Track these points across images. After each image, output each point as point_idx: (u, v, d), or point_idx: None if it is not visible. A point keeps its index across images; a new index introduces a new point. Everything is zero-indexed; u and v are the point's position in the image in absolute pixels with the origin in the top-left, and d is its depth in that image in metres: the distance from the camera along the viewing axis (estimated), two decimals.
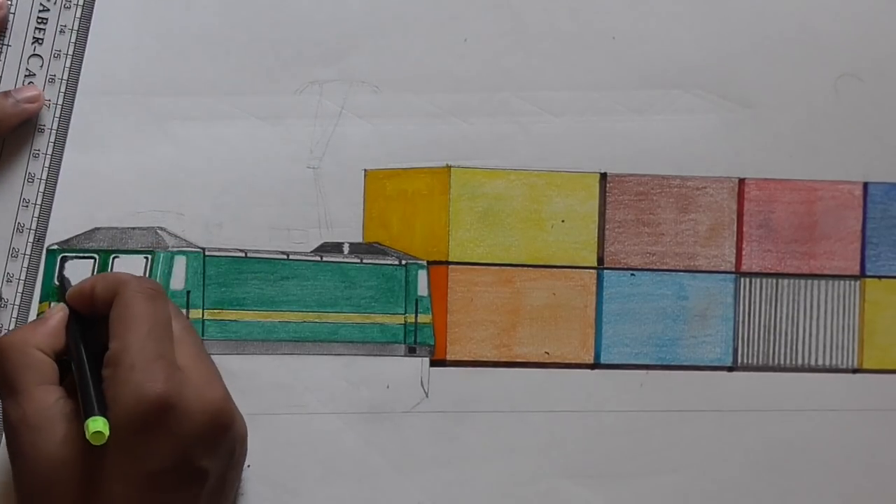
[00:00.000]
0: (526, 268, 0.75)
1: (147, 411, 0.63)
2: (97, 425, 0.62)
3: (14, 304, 0.73)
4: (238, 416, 0.68)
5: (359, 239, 0.74)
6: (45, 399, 0.65)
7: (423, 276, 0.75)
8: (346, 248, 0.74)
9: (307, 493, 0.73)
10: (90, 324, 0.68)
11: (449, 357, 0.75)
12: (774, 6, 0.75)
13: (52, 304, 0.73)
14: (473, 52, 0.74)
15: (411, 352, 0.75)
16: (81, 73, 0.73)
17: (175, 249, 0.74)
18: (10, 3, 0.71)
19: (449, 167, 0.74)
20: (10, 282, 0.72)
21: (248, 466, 0.72)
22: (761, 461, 0.75)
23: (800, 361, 0.76)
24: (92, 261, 0.73)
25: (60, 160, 0.73)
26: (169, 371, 0.64)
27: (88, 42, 0.73)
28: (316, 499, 0.73)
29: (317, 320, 0.74)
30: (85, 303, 0.68)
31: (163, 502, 0.64)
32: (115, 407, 0.63)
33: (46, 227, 0.73)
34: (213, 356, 0.72)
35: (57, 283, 0.72)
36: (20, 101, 0.71)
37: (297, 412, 0.73)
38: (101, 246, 0.74)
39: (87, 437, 0.61)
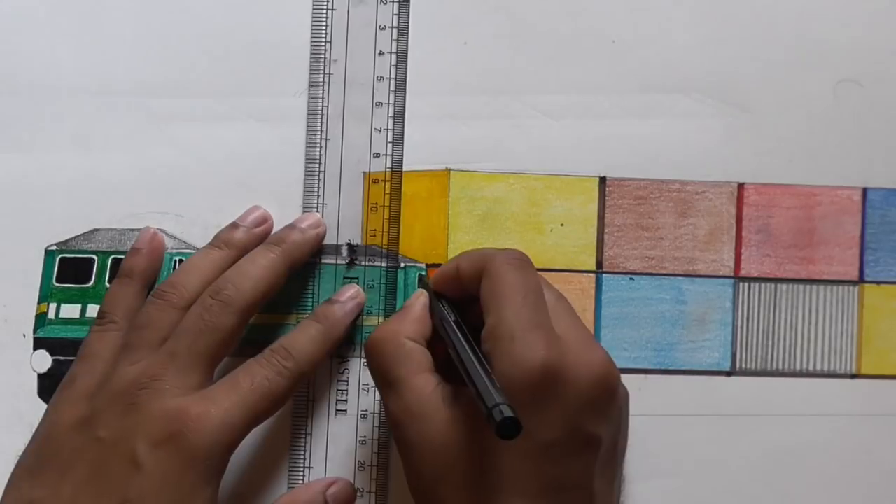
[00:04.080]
0: None
1: (533, 381, 0.61)
2: (505, 411, 0.58)
3: None
4: (622, 380, 0.66)
5: (358, 241, 0.74)
6: (425, 388, 0.64)
7: (421, 278, 0.74)
8: (344, 251, 0.74)
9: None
10: (453, 306, 0.68)
11: None
12: (774, 11, 0.75)
13: (50, 304, 0.73)
14: (473, 56, 0.74)
15: None
16: (81, 74, 0.73)
17: (174, 251, 0.74)
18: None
19: (448, 170, 0.74)
20: None
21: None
22: (759, 465, 0.75)
23: (798, 366, 0.76)
24: (91, 261, 0.73)
25: None
26: (549, 338, 0.62)
27: (88, 43, 0.73)
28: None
29: None
30: (450, 283, 0.68)
31: (558, 473, 0.62)
32: (499, 380, 0.61)
33: None
34: None
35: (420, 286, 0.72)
36: (305, 230, 0.72)
37: (294, 415, 0.73)
38: (99, 247, 0.74)
39: (496, 431, 0.58)
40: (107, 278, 0.74)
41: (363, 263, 0.74)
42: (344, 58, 0.72)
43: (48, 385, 0.73)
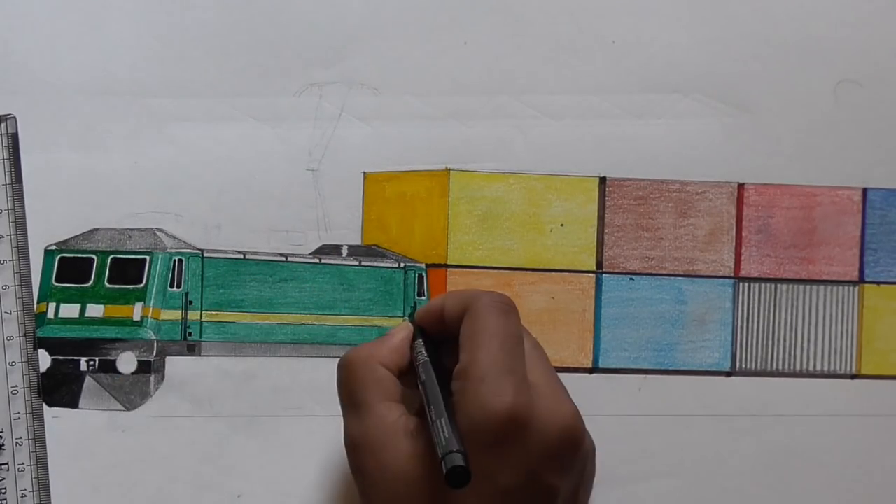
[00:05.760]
0: (525, 271, 0.75)
1: (498, 426, 0.61)
2: (456, 460, 0.59)
3: None
4: (588, 433, 0.66)
5: (358, 241, 0.74)
6: (389, 415, 0.64)
7: (421, 278, 0.74)
8: (344, 251, 0.74)
9: (305, 495, 0.73)
10: (436, 344, 0.67)
11: None
12: (775, 12, 0.75)
13: (49, 304, 0.73)
14: (473, 55, 0.74)
15: None
16: (81, 74, 0.73)
17: (174, 251, 0.74)
18: None
19: (448, 170, 0.74)
20: None
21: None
22: (759, 466, 0.75)
23: (798, 367, 0.76)
24: (91, 261, 0.73)
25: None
26: (519, 385, 0.62)
27: (88, 43, 0.73)
28: (313, 501, 0.73)
29: (315, 322, 0.74)
30: (434, 320, 0.68)
31: None
32: (462, 420, 0.61)
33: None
34: (210, 358, 0.72)
35: (408, 319, 0.71)
36: None
37: (295, 414, 0.73)
38: (99, 247, 0.74)
39: (444, 478, 0.58)
40: (106, 278, 0.74)
41: (363, 264, 0.74)
42: None
43: (48, 385, 0.73)
